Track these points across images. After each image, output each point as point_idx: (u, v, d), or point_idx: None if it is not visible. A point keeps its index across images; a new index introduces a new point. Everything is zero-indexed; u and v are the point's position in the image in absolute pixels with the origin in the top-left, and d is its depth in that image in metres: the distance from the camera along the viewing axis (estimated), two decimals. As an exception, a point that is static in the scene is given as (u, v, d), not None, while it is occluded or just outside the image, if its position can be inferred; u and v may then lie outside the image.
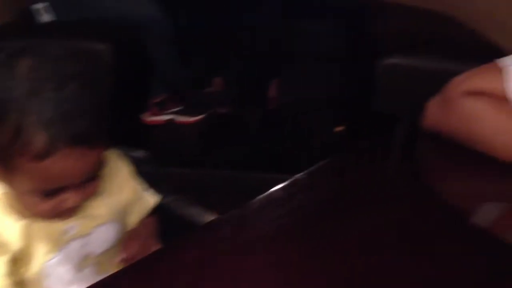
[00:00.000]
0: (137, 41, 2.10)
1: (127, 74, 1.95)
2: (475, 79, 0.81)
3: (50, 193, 0.69)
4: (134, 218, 0.88)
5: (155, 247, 0.82)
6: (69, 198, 0.71)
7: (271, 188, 0.75)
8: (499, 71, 0.78)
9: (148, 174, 0.89)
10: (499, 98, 0.77)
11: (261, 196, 0.71)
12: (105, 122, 0.71)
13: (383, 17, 2.20)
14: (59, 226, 0.76)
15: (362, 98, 2.14)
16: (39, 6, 2.07)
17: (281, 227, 0.68)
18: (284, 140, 2.24)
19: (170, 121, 2.31)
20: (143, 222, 0.89)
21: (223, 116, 2.39)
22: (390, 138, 0.98)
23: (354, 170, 0.83)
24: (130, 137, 2.00)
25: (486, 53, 1.36)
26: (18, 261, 0.73)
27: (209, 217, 0.85)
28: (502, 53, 0.83)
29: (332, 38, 2.34)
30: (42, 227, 0.74)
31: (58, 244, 0.75)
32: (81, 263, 0.78)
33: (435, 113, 0.83)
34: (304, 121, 2.30)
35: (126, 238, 0.84)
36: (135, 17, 2.06)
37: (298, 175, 0.77)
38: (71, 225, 0.76)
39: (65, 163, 0.66)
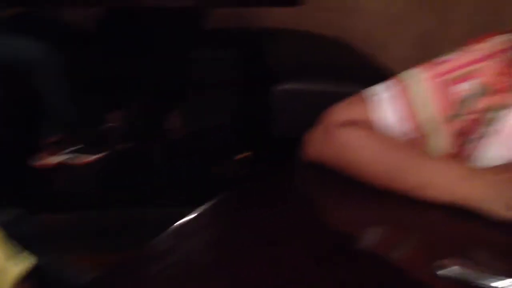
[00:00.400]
0: (27, 81, 2.00)
1: (17, 116, 1.85)
2: (347, 110, 0.84)
3: None
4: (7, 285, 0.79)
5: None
6: None
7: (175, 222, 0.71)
8: (365, 102, 0.82)
9: (23, 235, 0.81)
10: (371, 128, 0.80)
11: (145, 247, 0.67)
12: None
13: (276, 43, 2.26)
14: None
15: (263, 124, 2.16)
16: None
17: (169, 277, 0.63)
18: (187, 171, 2.20)
19: (64, 164, 2.19)
20: None
21: (124, 152, 2.31)
22: (291, 164, 0.98)
23: (249, 205, 0.82)
24: (24, 185, 1.90)
25: (374, 75, 1.42)
26: None
27: (92, 274, 0.79)
28: (387, 73, 0.86)
29: (228, 66, 2.36)
30: None
31: None
32: None
33: (314, 144, 0.84)
34: (207, 150, 2.28)
35: None
36: (24, 58, 1.99)
37: (190, 216, 0.73)
38: None
39: None
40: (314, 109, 1.81)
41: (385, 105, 0.80)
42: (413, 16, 1.95)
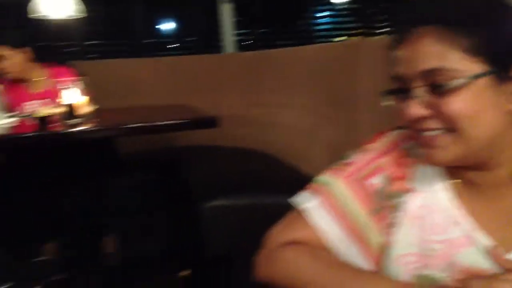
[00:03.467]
0: None
1: None
2: (285, 230, 0.87)
3: None
4: None
5: None
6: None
7: None
8: (306, 220, 0.85)
9: None
10: (314, 244, 0.83)
11: None
12: None
13: (199, 161, 2.33)
14: None
15: (196, 242, 2.18)
16: None
17: None
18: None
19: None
20: None
21: (60, 284, 2.24)
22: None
23: None
24: None
25: (298, 183, 1.49)
26: None
27: None
28: (308, 181, 0.91)
29: (152, 190, 2.41)
30: None
31: None
32: None
33: (261, 266, 0.87)
34: (146, 274, 2.24)
35: None
36: None
37: None
38: None
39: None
40: (243, 224, 1.87)
41: (317, 212, 0.84)
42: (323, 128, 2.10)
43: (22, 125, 2.06)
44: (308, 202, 0.86)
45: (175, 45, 4.17)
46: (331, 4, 4.36)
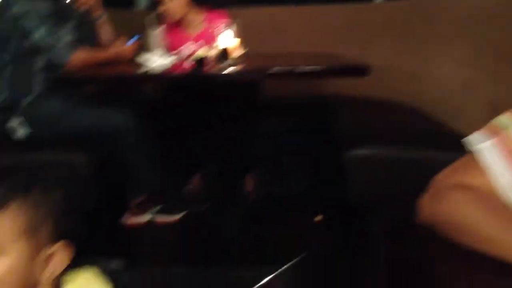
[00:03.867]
0: (115, 148, 2.17)
1: (106, 181, 2.00)
2: (456, 173, 0.85)
3: None
4: None
5: None
6: None
7: (256, 283, 0.76)
8: (477, 164, 0.82)
9: (126, 285, 0.92)
10: (484, 190, 0.81)
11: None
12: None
13: (342, 109, 2.31)
14: None
15: (334, 189, 2.20)
16: (14, 123, 2.15)
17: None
18: (264, 233, 2.27)
19: (149, 222, 2.34)
20: None
21: (202, 214, 2.43)
22: (365, 230, 1.00)
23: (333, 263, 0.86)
24: (111, 242, 2.03)
25: (447, 140, 1.42)
26: None
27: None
28: (460, 138, 0.88)
29: (299, 133, 2.44)
30: None
31: None
32: None
33: (426, 207, 0.86)
34: (281, 214, 2.34)
35: None
36: (111, 127, 2.15)
37: (281, 269, 0.79)
38: None
39: None
40: (388, 176, 1.85)
41: (491, 155, 0.81)
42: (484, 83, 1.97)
43: (180, 65, 2.21)
44: (481, 143, 0.82)
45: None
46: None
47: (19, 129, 2.16)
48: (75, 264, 0.82)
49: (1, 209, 0.74)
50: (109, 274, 0.90)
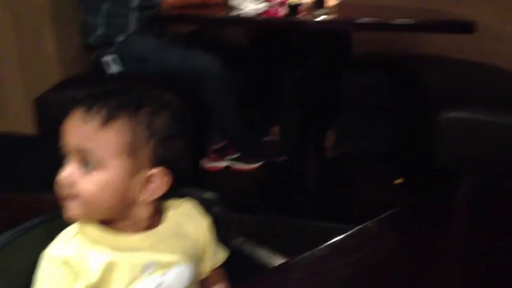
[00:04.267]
0: (199, 91, 2.20)
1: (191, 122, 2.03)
2: None
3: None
4: (207, 265, 0.91)
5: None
6: (63, 170, 0.76)
7: (328, 238, 0.76)
8: None
9: (218, 216, 0.93)
10: None
11: (332, 241, 0.73)
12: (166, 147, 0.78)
13: (433, 69, 2.21)
14: (140, 261, 0.80)
15: (418, 151, 2.12)
16: (108, 58, 2.22)
17: (352, 274, 0.69)
18: (340, 190, 2.25)
19: (227, 168, 2.38)
20: (216, 271, 0.92)
21: (279, 165, 2.43)
22: (451, 193, 0.98)
23: (419, 223, 0.84)
24: (193, 183, 2.08)
25: None
26: None
27: (279, 260, 0.87)
28: None
29: (385, 90, 2.37)
30: (126, 261, 0.79)
31: (136, 279, 0.79)
32: None
33: None
34: (361, 172, 2.30)
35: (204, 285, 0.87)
36: (197, 69, 2.17)
37: (368, 223, 0.78)
38: (151, 262, 0.81)
39: (69, 122, 0.76)
40: (481, 140, 1.76)
41: None
42: None
43: (273, 11, 2.17)
44: None
45: None
46: None
47: (112, 65, 2.22)
48: (174, 192, 0.83)
49: (109, 122, 0.75)
50: (205, 205, 0.92)
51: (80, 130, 0.76)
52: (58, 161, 0.77)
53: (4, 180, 2.02)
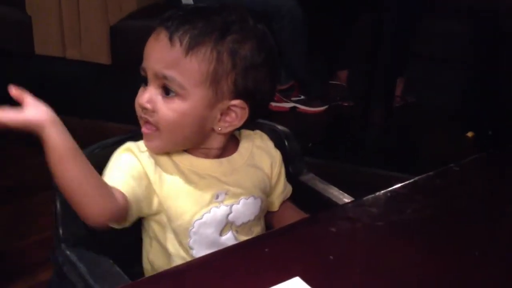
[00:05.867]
0: (270, 28, 2.16)
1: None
2: None
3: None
4: (276, 199, 0.91)
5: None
6: (143, 92, 0.76)
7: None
8: None
9: (290, 150, 0.93)
10: None
11: (414, 180, 0.72)
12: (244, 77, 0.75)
13: None
14: (211, 188, 0.80)
15: (492, 106, 2.04)
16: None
17: (433, 215, 0.68)
18: (406, 140, 2.20)
19: (293, 109, 2.36)
20: (286, 204, 0.92)
21: (345, 110, 2.39)
22: None
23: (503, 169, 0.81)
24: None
25: None
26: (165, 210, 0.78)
27: (347, 199, 0.87)
28: None
29: (462, 40, 2.24)
30: (197, 185, 0.79)
31: (206, 206, 0.80)
32: (223, 229, 0.82)
33: None
34: (430, 123, 2.23)
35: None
36: (270, 4, 2.12)
37: (450, 165, 0.75)
38: (222, 191, 0.81)
39: (152, 44, 0.75)
40: None
41: None
42: None
43: None
44: None
45: None
46: None
47: (187, -4, 2.21)
48: (249, 123, 0.81)
49: (193, 49, 0.73)
50: (277, 138, 0.92)
51: (163, 56, 0.74)
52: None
53: (73, 106, 2.09)
